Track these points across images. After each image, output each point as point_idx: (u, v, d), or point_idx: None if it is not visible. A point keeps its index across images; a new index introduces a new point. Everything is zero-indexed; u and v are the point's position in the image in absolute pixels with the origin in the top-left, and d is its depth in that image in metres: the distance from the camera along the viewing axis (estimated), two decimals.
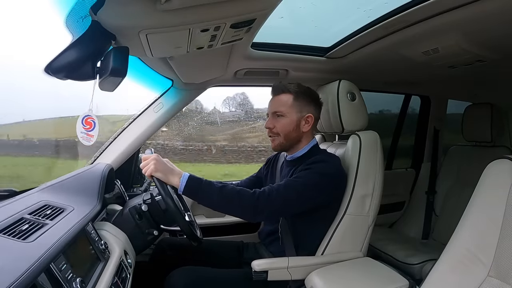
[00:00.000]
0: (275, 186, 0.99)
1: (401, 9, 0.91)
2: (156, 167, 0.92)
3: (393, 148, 2.08)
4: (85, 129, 0.84)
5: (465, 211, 0.75)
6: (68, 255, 0.66)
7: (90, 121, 0.84)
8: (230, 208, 0.97)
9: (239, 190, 0.95)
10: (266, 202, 0.94)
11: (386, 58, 1.26)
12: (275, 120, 1.12)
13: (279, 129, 1.11)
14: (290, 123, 1.11)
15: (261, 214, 0.96)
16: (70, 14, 0.68)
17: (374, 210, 1.14)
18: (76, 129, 0.83)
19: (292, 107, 1.10)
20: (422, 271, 1.48)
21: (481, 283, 0.67)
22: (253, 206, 0.93)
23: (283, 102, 1.11)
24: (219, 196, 0.93)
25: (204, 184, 0.94)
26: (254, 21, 0.82)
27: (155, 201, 1.03)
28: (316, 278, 0.97)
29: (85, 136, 0.84)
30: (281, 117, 1.11)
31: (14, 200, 0.78)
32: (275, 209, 0.97)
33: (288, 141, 1.12)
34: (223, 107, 5.08)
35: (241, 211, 0.97)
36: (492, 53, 1.11)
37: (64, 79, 0.75)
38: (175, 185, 0.93)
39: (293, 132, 1.11)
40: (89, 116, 0.83)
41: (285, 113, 1.10)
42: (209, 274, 1.04)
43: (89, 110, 0.83)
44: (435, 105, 2.02)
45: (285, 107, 1.10)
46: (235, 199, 0.94)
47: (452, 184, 1.84)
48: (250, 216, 0.97)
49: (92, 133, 0.84)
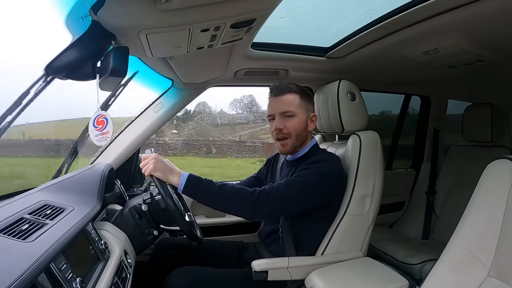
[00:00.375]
0: (275, 185, 0.99)
1: (401, 9, 0.91)
2: (155, 166, 0.92)
3: (393, 148, 2.08)
4: (99, 129, 0.83)
5: (465, 211, 0.75)
6: (68, 255, 0.66)
7: (102, 119, 0.83)
8: (230, 207, 0.96)
9: (239, 189, 0.95)
10: (266, 200, 0.94)
11: (386, 58, 1.26)
12: (284, 120, 1.09)
13: (291, 129, 1.08)
14: (300, 123, 1.09)
15: (261, 213, 0.96)
16: (70, 14, 0.68)
17: (374, 210, 1.14)
18: (89, 133, 0.83)
19: (300, 107, 1.09)
20: (422, 271, 1.48)
21: (481, 283, 0.67)
22: (253, 204, 0.93)
23: (291, 102, 1.09)
24: (219, 194, 0.93)
25: (203, 183, 0.94)
26: (254, 21, 0.82)
27: (155, 201, 1.03)
28: (316, 278, 0.98)
29: (100, 136, 0.83)
30: (291, 117, 1.08)
31: (14, 200, 0.78)
32: (275, 208, 0.97)
33: (299, 141, 1.11)
34: (230, 109, 5.17)
35: (241, 210, 0.97)
36: (492, 53, 1.11)
37: (64, 79, 0.75)
38: (175, 184, 0.93)
39: (303, 131, 1.10)
40: (99, 115, 0.83)
41: (295, 113, 1.08)
42: (209, 274, 1.04)
43: (98, 109, 0.83)
44: (435, 105, 2.02)
45: (294, 106, 1.08)
46: (235, 198, 0.93)
47: (452, 184, 1.84)
48: (250, 215, 0.97)
49: (106, 130, 0.84)
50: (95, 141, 0.84)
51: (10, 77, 1.09)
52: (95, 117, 0.83)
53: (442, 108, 2.07)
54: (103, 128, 0.84)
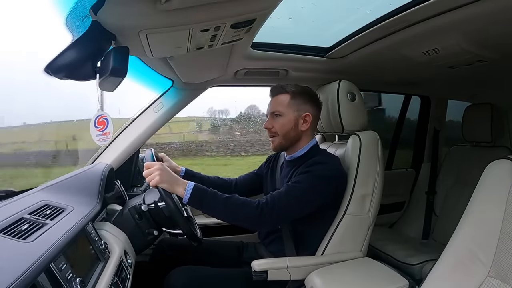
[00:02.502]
0: (275, 195, 0.99)
1: (401, 9, 0.91)
2: (161, 178, 0.92)
3: (393, 148, 2.08)
4: (99, 130, 0.84)
5: (465, 211, 0.75)
6: (68, 255, 0.66)
7: (103, 120, 0.84)
8: (234, 219, 0.99)
9: (243, 202, 0.96)
10: (269, 213, 0.95)
11: (386, 58, 1.26)
12: (273, 120, 1.13)
13: (277, 129, 1.12)
14: (288, 122, 1.11)
15: (264, 225, 1.00)
16: (70, 14, 0.68)
17: (374, 210, 1.14)
18: (91, 134, 0.83)
19: (288, 106, 1.11)
20: (422, 271, 1.48)
21: (481, 283, 0.67)
22: (256, 218, 0.94)
23: (280, 102, 1.13)
24: (224, 207, 0.94)
25: (209, 194, 0.94)
26: (254, 21, 0.82)
27: (158, 207, 1.03)
28: (316, 278, 0.98)
29: (101, 137, 0.84)
30: (279, 117, 1.12)
31: (14, 200, 0.78)
32: (278, 218, 0.99)
33: (287, 140, 1.13)
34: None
35: (245, 222, 0.99)
36: (492, 53, 1.11)
37: (64, 79, 0.75)
38: (180, 195, 0.93)
39: (291, 131, 1.12)
40: (100, 115, 0.83)
41: (282, 113, 1.11)
42: (209, 273, 1.04)
43: (98, 110, 0.83)
44: (435, 105, 2.02)
45: (282, 106, 1.12)
46: (239, 211, 0.95)
47: (452, 184, 1.84)
48: (254, 227, 1.00)
49: (107, 130, 0.84)
50: (96, 141, 0.84)
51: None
52: (96, 117, 0.83)
53: (442, 108, 2.06)
54: (104, 128, 0.84)
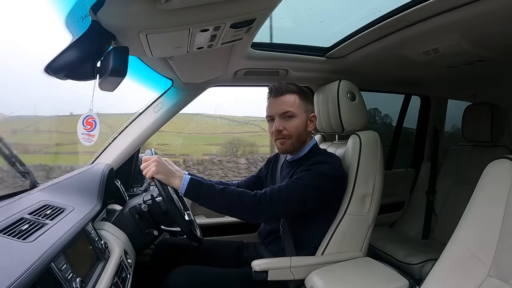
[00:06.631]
0: (275, 187, 0.99)
1: (401, 9, 0.91)
2: (157, 169, 0.92)
3: (393, 148, 2.08)
4: (86, 129, 0.83)
5: (465, 211, 0.75)
6: (68, 255, 0.65)
7: (91, 121, 0.83)
8: (231, 210, 0.97)
9: (240, 192, 0.95)
10: (267, 204, 0.94)
11: (386, 58, 1.26)
12: (284, 121, 1.08)
13: (291, 131, 1.08)
14: (301, 124, 1.09)
15: (262, 216, 0.97)
16: (70, 14, 0.68)
17: (374, 210, 1.14)
18: (77, 130, 0.83)
19: (300, 107, 1.09)
20: (422, 271, 1.48)
21: (481, 283, 0.67)
22: (254, 208, 0.93)
23: (291, 103, 1.08)
24: (220, 198, 0.93)
25: (205, 186, 0.94)
26: (254, 21, 0.82)
27: (155, 202, 1.03)
28: (316, 278, 0.97)
29: (86, 136, 0.84)
30: (292, 118, 1.08)
31: (14, 200, 0.78)
32: (276, 211, 0.98)
33: (299, 142, 1.10)
34: None
35: (242, 213, 0.98)
36: (492, 53, 1.11)
37: (64, 79, 0.75)
38: (176, 187, 0.93)
39: (303, 132, 1.10)
40: (89, 116, 0.83)
41: (295, 114, 1.07)
42: (209, 273, 1.04)
43: (90, 110, 0.83)
44: (435, 105, 2.02)
45: (294, 107, 1.08)
46: (236, 201, 0.94)
47: (452, 184, 1.83)
48: (251, 218, 0.98)
49: (93, 133, 0.84)
50: (81, 138, 0.84)
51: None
52: (85, 117, 0.83)
53: (442, 108, 2.07)
54: (90, 129, 0.84)
